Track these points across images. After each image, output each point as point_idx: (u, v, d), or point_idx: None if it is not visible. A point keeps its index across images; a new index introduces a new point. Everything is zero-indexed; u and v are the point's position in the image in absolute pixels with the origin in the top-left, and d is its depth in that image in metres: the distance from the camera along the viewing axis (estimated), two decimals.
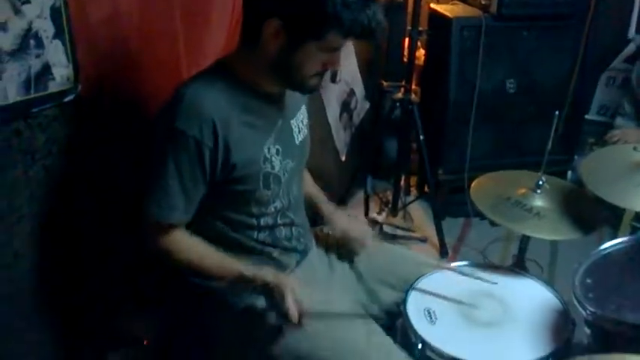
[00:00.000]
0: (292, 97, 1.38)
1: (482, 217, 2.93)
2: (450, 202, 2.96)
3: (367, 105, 3.08)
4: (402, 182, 2.93)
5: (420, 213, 2.98)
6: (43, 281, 1.29)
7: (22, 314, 1.26)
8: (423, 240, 2.80)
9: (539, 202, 1.53)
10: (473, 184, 1.63)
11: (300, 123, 1.42)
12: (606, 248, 1.37)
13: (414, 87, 2.81)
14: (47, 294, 1.31)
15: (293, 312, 1.18)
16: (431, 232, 2.79)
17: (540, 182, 1.54)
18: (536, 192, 1.55)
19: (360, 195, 2.95)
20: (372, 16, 1.14)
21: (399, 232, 2.81)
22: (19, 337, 1.26)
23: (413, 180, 3.21)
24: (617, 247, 1.37)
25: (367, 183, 2.78)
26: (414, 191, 3.20)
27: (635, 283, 1.26)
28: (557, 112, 1.50)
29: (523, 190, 1.57)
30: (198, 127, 1.18)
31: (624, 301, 1.20)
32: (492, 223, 2.90)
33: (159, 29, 1.46)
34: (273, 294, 1.22)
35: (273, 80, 1.27)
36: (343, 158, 2.92)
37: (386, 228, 2.74)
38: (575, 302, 1.25)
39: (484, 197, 1.57)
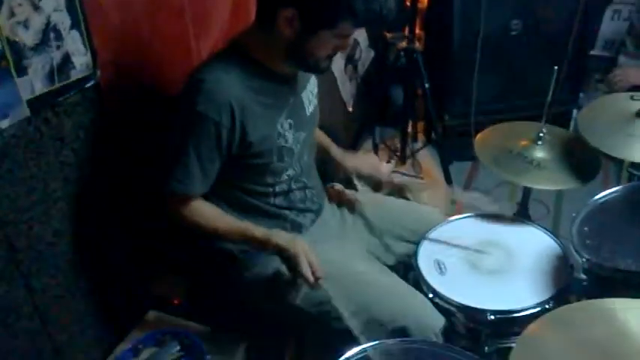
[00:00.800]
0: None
1: None
2: (457, 147, 3.02)
3: (372, 54, 3.10)
4: (410, 129, 2.99)
5: (428, 159, 3.05)
6: (82, 255, 1.41)
7: (67, 286, 1.39)
8: (432, 185, 2.87)
9: (540, 153, 1.60)
10: (477, 138, 1.69)
11: (309, 94, 1.49)
12: (602, 197, 1.45)
13: (417, 32, 2.82)
14: (87, 265, 1.43)
15: (308, 274, 1.27)
16: (439, 177, 2.87)
17: (541, 134, 1.60)
18: (537, 143, 1.61)
19: (368, 144, 3.01)
20: (383, 4, 1.19)
21: (408, 180, 2.89)
22: (65, 307, 1.39)
23: (420, 126, 3.26)
24: (612, 195, 1.45)
25: (375, 132, 2.84)
26: (421, 137, 3.26)
27: (628, 230, 1.35)
28: (556, 67, 1.52)
29: (525, 142, 1.63)
30: (217, 110, 1.25)
31: (617, 247, 1.29)
32: None
33: (166, 6, 1.50)
34: (287, 256, 1.31)
35: (286, 62, 1.32)
36: (350, 109, 2.97)
37: (395, 176, 2.81)
38: (573, 250, 1.34)
39: (487, 150, 1.64)
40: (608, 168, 2.52)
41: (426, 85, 2.63)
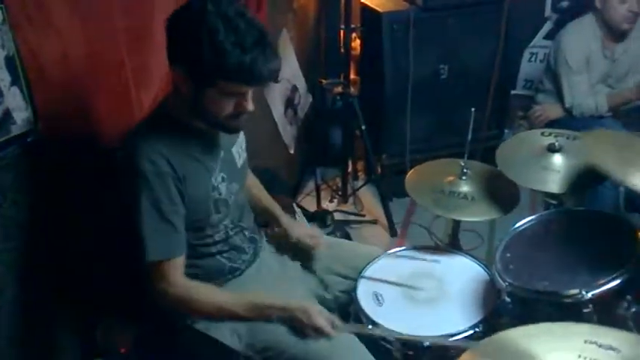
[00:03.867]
0: None
1: None
2: (395, 184, 3.14)
3: (310, 98, 3.23)
4: (350, 169, 3.11)
5: (368, 197, 3.16)
6: (23, 304, 1.40)
7: (7, 335, 1.37)
8: (374, 222, 2.99)
9: (465, 187, 1.73)
10: (407, 177, 1.80)
11: (239, 149, 1.55)
12: (521, 225, 1.58)
13: (352, 77, 2.97)
14: (29, 314, 1.42)
15: (325, 326, 1.36)
16: (380, 214, 2.98)
17: (465, 170, 1.73)
18: (461, 178, 1.74)
19: (311, 185, 3.10)
20: (254, 60, 1.19)
21: (351, 218, 2.99)
22: (5, 357, 1.37)
23: (360, 165, 3.39)
24: (530, 223, 1.58)
25: (317, 173, 2.94)
26: (362, 175, 3.38)
27: (543, 254, 1.47)
28: (473, 109, 1.66)
29: (451, 178, 1.76)
30: (155, 162, 1.30)
31: (535, 271, 1.41)
32: None
33: (106, 59, 1.54)
34: (297, 319, 1.37)
35: (196, 118, 1.36)
36: (292, 151, 3.06)
37: (337, 215, 2.91)
38: (496, 275, 1.45)
39: (417, 187, 1.76)
40: (535, 196, 2.69)
41: (363, 127, 2.77)
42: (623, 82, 2.64)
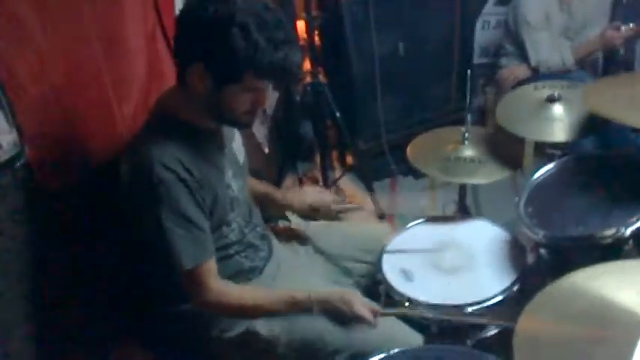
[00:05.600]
0: None
1: (404, 174, 3.16)
2: (373, 168, 3.13)
3: (276, 94, 3.16)
4: (327, 159, 3.06)
5: (348, 184, 3.13)
6: (37, 344, 1.29)
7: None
8: (360, 208, 2.94)
9: (469, 152, 1.71)
10: (409, 152, 1.77)
11: (238, 144, 1.51)
12: (538, 177, 1.58)
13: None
14: (38, 344, 1.31)
15: (368, 315, 1.32)
16: (363, 199, 2.96)
17: (466, 135, 1.72)
18: (464, 144, 1.72)
19: (292, 180, 3.04)
20: (286, 57, 1.18)
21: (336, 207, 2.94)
22: None
23: (334, 155, 3.35)
24: (546, 174, 1.58)
25: (298, 168, 2.88)
26: (337, 165, 3.34)
27: (568, 202, 1.47)
28: (469, 71, 1.65)
29: (453, 145, 1.74)
30: (173, 170, 1.23)
31: (565, 218, 1.40)
32: (416, 177, 3.14)
33: (83, 71, 1.46)
34: (339, 309, 1.34)
35: (209, 118, 1.32)
36: (267, 150, 2.99)
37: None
38: (526, 230, 1.44)
39: (423, 161, 1.73)
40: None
41: (337, 115, 2.72)
42: (582, 34, 2.71)
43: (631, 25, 2.50)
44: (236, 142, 1.50)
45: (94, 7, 1.44)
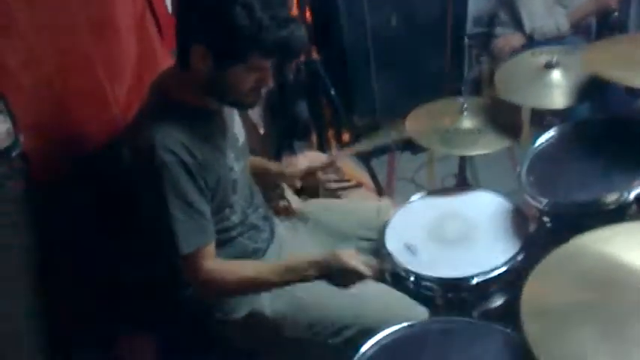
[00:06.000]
0: None
1: (402, 149, 3.15)
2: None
3: None
4: (323, 136, 3.04)
5: (347, 162, 3.10)
6: (41, 334, 1.29)
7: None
8: (359, 186, 2.94)
9: (468, 123, 1.69)
10: (407, 125, 1.75)
11: (238, 125, 1.49)
12: (538, 146, 1.57)
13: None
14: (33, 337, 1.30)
15: (362, 267, 1.28)
16: (362, 176, 2.94)
17: (465, 105, 1.70)
18: (463, 114, 1.70)
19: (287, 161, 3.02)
20: (291, 35, 1.16)
21: (334, 185, 2.93)
22: None
23: (330, 134, 3.32)
24: (546, 142, 1.57)
25: (295, 147, 2.86)
26: (333, 143, 3.32)
27: (569, 169, 1.46)
28: (466, 39, 1.62)
29: (451, 117, 1.72)
30: (175, 152, 1.21)
31: (568, 185, 1.40)
32: (414, 152, 3.13)
33: (73, 55, 1.43)
34: (332, 267, 1.29)
35: (211, 99, 1.30)
36: (262, 131, 2.97)
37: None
38: (529, 199, 1.43)
39: (422, 133, 1.71)
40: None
41: (332, 92, 2.70)
42: (575, 0, 2.67)
43: None
44: (237, 124, 1.48)
45: None
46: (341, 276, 1.30)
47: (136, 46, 1.66)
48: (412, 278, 1.44)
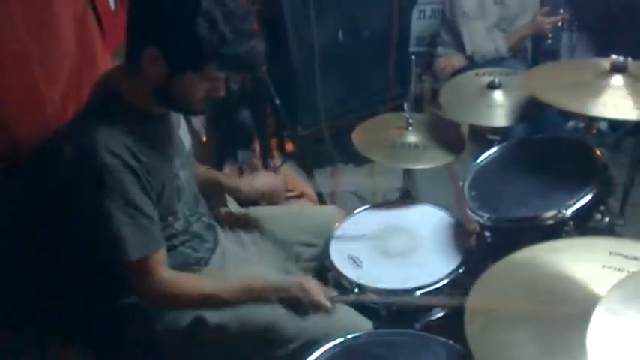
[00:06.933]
0: None
1: (345, 162, 3.17)
2: (314, 155, 3.11)
3: None
4: (265, 146, 3.02)
5: (289, 172, 3.10)
6: None
7: None
8: (300, 196, 2.93)
9: (413, 137, 1.72)
10: (354, 137, 1.76)
11: (185, 132, 1.46)
12: (480, 162, 1.62)
13: None
14: None
15: (325, 302, 1.31)
16: (304, 186, 2.93)
17: (410, 121, 1.73)
18: (408, 129, 1.73)
19: (232, 168, 2.98)
20: (251, 50, 1.15)
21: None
22: None
23: (273, 143, 3.30)
24: (488, 159, 1.62)
25: (237, 156, 2.83)
26: (276, 153, 3.30)
27: (510, 185, 1.51)
28: (413, 57, 1.65)
29: (397, 131, 1.75)
30: (119, 156, 1.17)
31: (508, 201, 1.44)
32: (357, 164, 3.16)
33: (9, 52, 1.35)
34: (295, 296, 1.32)
35: (158, 103, 1.26)
36: (204, 139, 2.91)
37: None
38: (471, 213, 1.47)
39: (368, 146, 1.73)
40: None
41: (277, 101, 2.68)
42: (514, 25, 2.79)
43: (561, 10, 2.61)
44: (182, 130, 1.45)
45: None
46: (301, 305, 1.31)
47: (76, 45, 1.59)
48: (356, 290, 1.44)
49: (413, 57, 1.71)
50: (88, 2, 1.70)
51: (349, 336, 1.24)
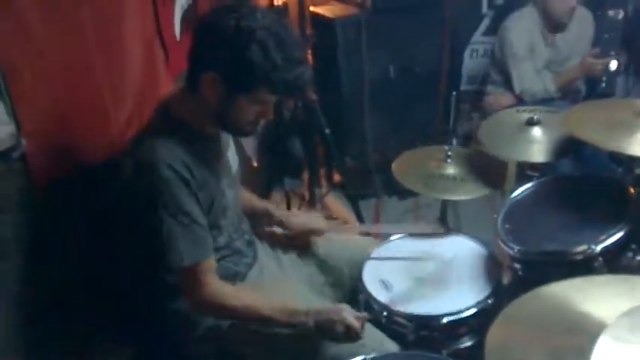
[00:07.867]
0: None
1: (389, 194, 3.22)
2: (360, 186, 3.18)
3: None
4: (315, 175, 3.11)
5: (335, 202, 3.17)
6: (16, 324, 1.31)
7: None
8: (345, 226, 2.98)
9: (451, 169, 1.77)
10: (394, 168, 1.82)
11: (233, 154, 1.56)
12: (516, 196, 1.64)
13: None
14: (23, 329, 1.33)
15: (359, 327, 1.32)
16: (348, 217, 2.99)
17: (449, 153, 1.78)
18: (447, 162, 1.78)
19: (279, 195, 3.08)
20: (299, 76, 1.25)
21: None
22: None
23: (321, 172, 3.39)
24: (524, 193, 1.65)
25: (284, 183, 2.92)
26: (324, 183, 3.38)
27: (543, 220, 1.53)
28: (454, 93, 1.71)
29: (436, 162, 1.80)
30: (176, 169, 1.28)
31: (540, 235, 1.46)
32: (400, 198, 3.20)
33: (83, 72, 1.48)
34: (331, 320, 1.33)
35: (214, 125, 1.38)
36: (256, 164, 3.03)
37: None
38: (502, 245, 1.49)
39: (408, 177, 1.78)
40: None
41: (327, 132, 2.78)
42: (564, 66, 2.81)
43: (612, 52, 2.61)
44: (231, 152, 1.55)
45: (93, 6, 1.47)
46: (336, 331, 1.33)
47: (142, 73, 1.73)
48: (385, 313, 1.48)
49: (453, 94, 1.74)
50: (157, 32, 1.86)
51: (372, 355, 1.27)
